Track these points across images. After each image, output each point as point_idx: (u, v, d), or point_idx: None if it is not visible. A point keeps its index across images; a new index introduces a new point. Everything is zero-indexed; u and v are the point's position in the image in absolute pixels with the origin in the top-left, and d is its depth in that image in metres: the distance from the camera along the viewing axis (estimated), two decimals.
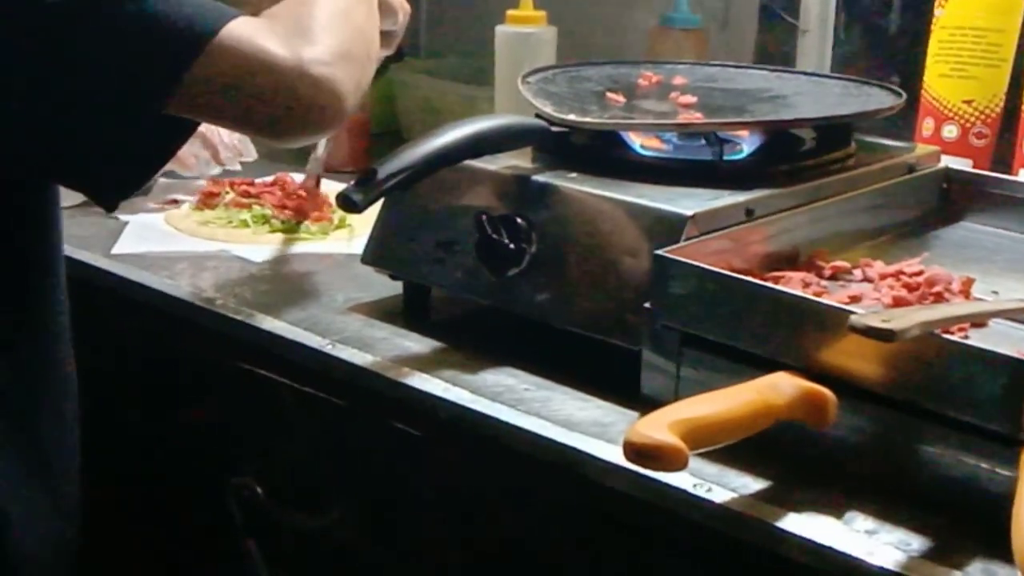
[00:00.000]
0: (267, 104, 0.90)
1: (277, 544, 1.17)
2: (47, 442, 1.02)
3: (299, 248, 1.33)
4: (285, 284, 1.23)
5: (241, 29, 0.89)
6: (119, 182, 0.94)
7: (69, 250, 1.09)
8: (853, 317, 0.80)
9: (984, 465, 0.80)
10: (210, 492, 1.19)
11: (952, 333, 0.87)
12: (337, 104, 0.92)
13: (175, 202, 1.45)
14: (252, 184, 1.44)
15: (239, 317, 1.15)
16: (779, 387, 0.85)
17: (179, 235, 1.36)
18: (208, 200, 1.41)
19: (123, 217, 1.37)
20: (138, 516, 1.31)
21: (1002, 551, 0.73)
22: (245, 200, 1.40)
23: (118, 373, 1.29)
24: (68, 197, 1.06)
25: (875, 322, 0.79)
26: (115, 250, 1.30)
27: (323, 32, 0.92)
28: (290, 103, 0.90)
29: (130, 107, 0.88)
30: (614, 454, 0.87)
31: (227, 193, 1.42)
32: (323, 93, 0.90)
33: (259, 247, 1.32)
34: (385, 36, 1.10)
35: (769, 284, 0.93)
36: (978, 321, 0.92)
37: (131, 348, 1.29)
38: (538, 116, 1.10)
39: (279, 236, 1.35)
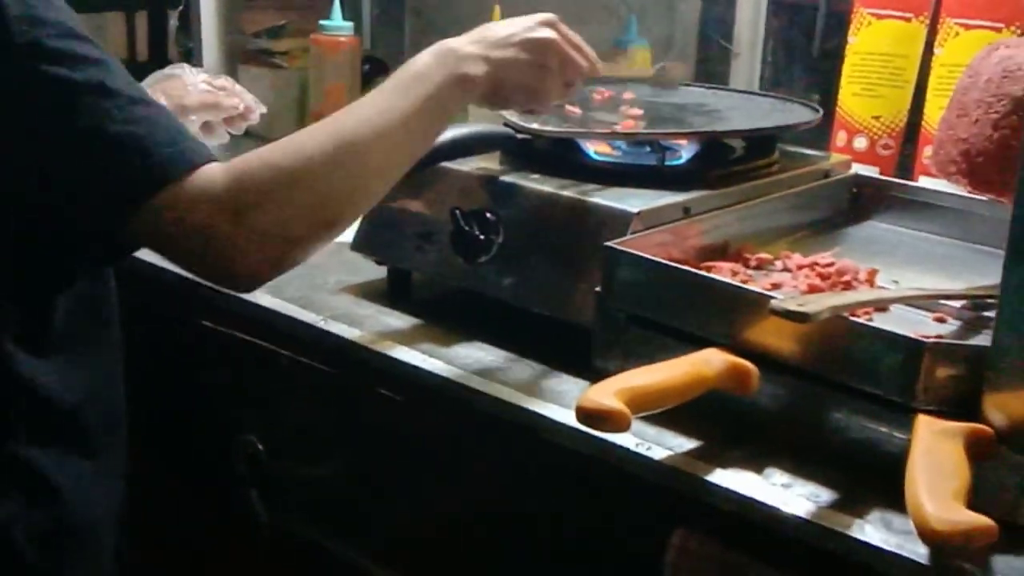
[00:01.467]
0: (189, 263, 0.83)
1: (276, 494, 1.17)
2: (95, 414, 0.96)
3: None
4: None
5: (197, 186, 0.79)
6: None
7: None
8: (773, 301, 0.81)
9: (883, 430, 0.82)
10: (218, 448, 1.19)
11: (858, 316, 0.87)
12: (250, 279, 0.83)
13: None
14: None
15: (244, 296, 1.14)
16: (710, 361, 0.86)
17: None
18: None
19: None
20: (154, 469, 1.30)
21: (898, 504, 0.74)
22: None
23: (138, 343, 1.28)
24: None
25: (792, 306, 0.80)
26: None
27: (269, 219, 0.80)
28: (205, 269, 0.82)
29: (92, 222, 0.83)
30: (568, 417, 0.87)
31: None
32: (236, 269, 0.81)
33: None
34: (536, 92, 0.94)
35: (703, 272, 0.94)
36: (881, 306, 0.94)
37: (151, 321, 1.28)
38: (506, 124, 1.10)
39: None
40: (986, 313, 0.93)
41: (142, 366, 1.07)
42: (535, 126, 1.09)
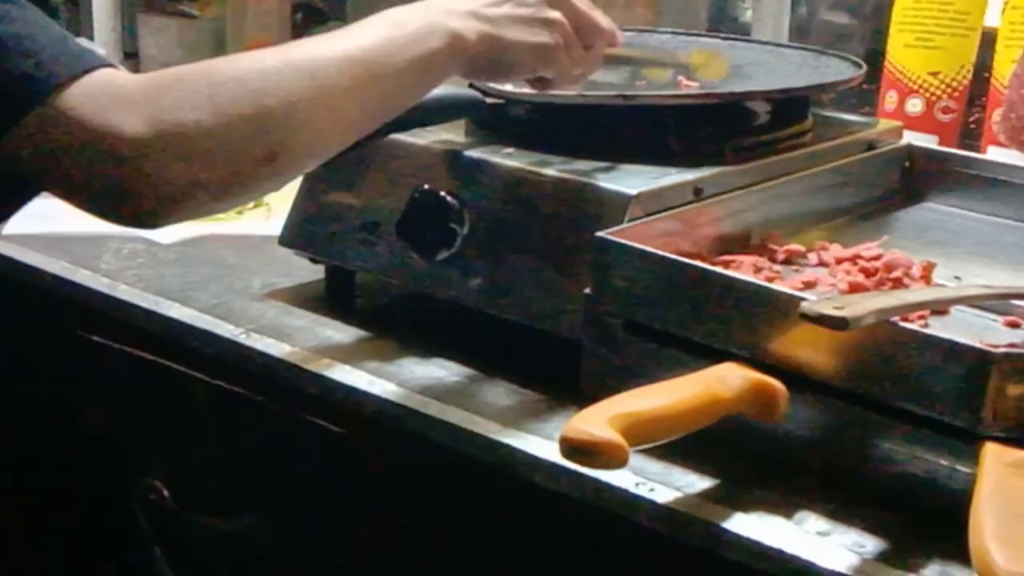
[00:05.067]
0: (85, 185, 0.82)
1: (186, 552, 1.17)
2: None
3: (211, 229, 1.32)
4: (195, 268, 1.23)
5: (85, 92, 0.79)
6: None
7: None
8: (804, 304, 0.81)
9: (943, 462, 0.81)
10: (113, 496, 1.19)
11: (910, 321, 0.88)
12: (164, 204, 0.81)
13: None
14: None
15: (144, 304, 1.15)
16: (727, 379, 0.85)
17: (79, 214, 1.34)
18: None
19: None
20: (36, 522, 1.30)
21: (960, 553, 0.74)
22: None
23: (8, 365, 1.27)
24: None
25: (828, 309, 0.80)
26: (5, 230, 1.29)
27: (188, 116, 0.80)
28: (108, 189, 0.81)
29: None
30: (550, 451, 0.87)
31: None
32: (146, 187, 0.80)
33: (170, 228, 1.31)
34: (542, 49, 0.96)
35: (718, 269, 0.93)
36: (939, 308, 0.94)
37: (24, 338, 1.28)
38: (472, 86, 1.10)
39: None
40: None
41: (7, 393, 1.07)
42: (509, 88, 1.09)
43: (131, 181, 0.81)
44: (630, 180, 1.00)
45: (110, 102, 0.80)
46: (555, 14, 0.96)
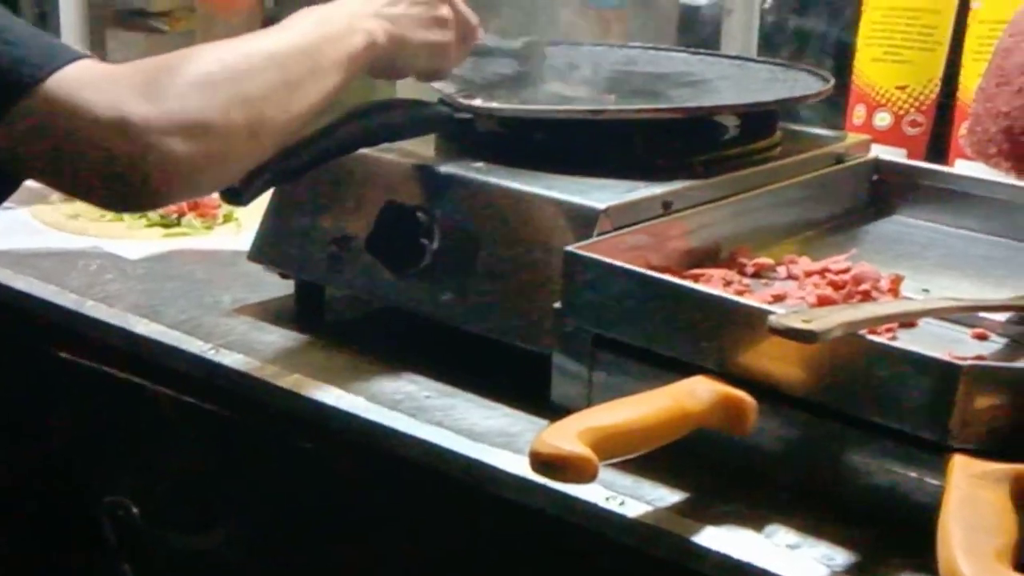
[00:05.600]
0: (82, 167, 0.83)
1: (155, 569, 1.16)
2: None
3: (180, 244, 1.32)
4: (164, 284, 1.22)
5: (73, 77, 0.82)
6: None
7: None
8: (772, 317, 0.81)
9: (912, 474, 0.82)
10: (81, 513, 1.18)
11: (879, 334, 0.88)
12: (166, 180, 0.83)
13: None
14: None
15: (112, 320, 1.14)
16: (697, 392, 0.86)
17: (46, 230, 1.34)
18: None
19: None
20: (1, 540, 1.29)
21: (928, 565, 0.74)
22: None
23: None
24: None
25: (796, 323, 0.80)
26: None
27: (184, 86, 0.84)
28: (106, 170, 0.83)
29: None
30: (521, 466, 0.87)
31: None
32: (147, 164, 0.82)
33: (135, 243, 1.31)
34: (438, 47, 1.04)
35: (688, 283, 0.94)
36: (907, 321, 0.94)
37: None
38: (441, 101, 1.11)
39: (158, 231, 1.34)
40: None
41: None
42: (478, 102, 1.10)
43: (137, 159, 0.82)
44: (599, 194, 1.00)
45: (109, 86, 0.83)
46: (446, 11, 1.03)
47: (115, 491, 1.16)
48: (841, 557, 0.82)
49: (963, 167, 1.24)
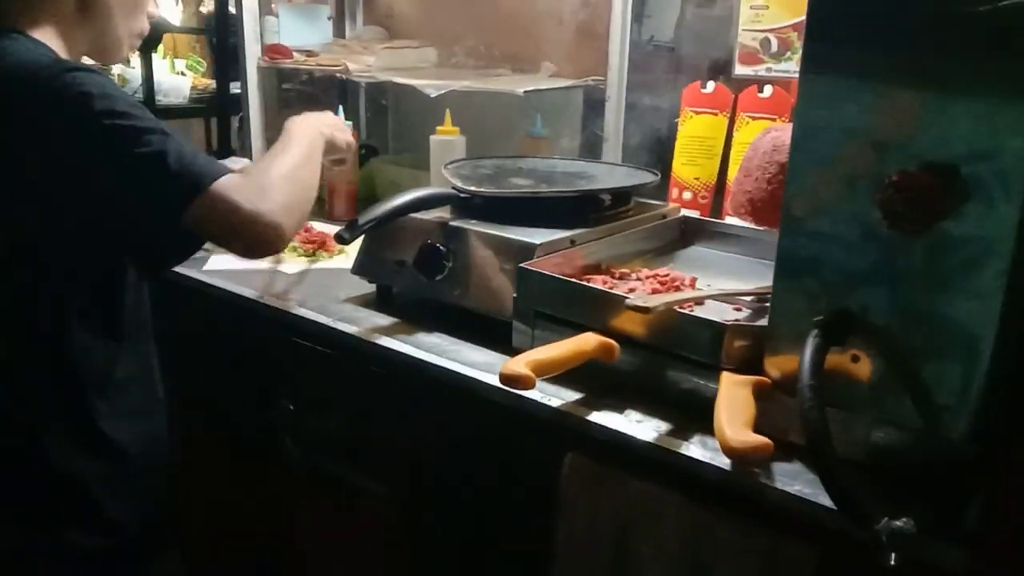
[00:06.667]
0: (237, 237, 0.81)
1: (302, 440, 1.15)
2: (144, 400, 0.94)
3: (315, 265, 1.31)
4: (307, 286, 1.21)
5: (224, 185, 0.80)
6: (158, 262, 0.89)
7: (180, 268, 1.06)
8: (628, 300, 0.82)
9: (702, 382, 0.83)
10: (263, 409, 1.17)
11: (685, 308, 0.89)
12: (280, 239, 0.82)
13: None
14: None
15: (280, 306, 1.13)
16: (588, 340, 0.86)
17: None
18: None
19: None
20: (216, 423, 1.28)
21: (711, 431, 0.75)
22: None
23: (209, 341, 1.25)
24: None
25: (640, 302, 0.81)
26: (206, 267, 1.27)
27: (276, 191, 0.83)
28: (250, 239, 0.81)
29: (154, 222, 0.81)
30: (494, 380, 0.87)
31: None
32: (271, 231, 0.81)
33: (292, 264, 1.29)
34: (339, 161, 1.06)
35: (583, 283, 0.94)
36: (699, 301, 0.94)
37: (217, 326, 1.25)
38: (454, 188, 1.10)
39: (304, 259, 1.33)
40: (766, 304, 0.93)
41: (221, 355, 1.03)
42: (473, 188, 1.09)
43: (271, 236, 0.82)
44: (537, 236, 1.00)
45: (245, 191, 0.81)
46: (349, 131, 1.06)
47: (281, 396, 1.15)
48: (665, 427, 0.82)
49: (729, 220, 1.24)
